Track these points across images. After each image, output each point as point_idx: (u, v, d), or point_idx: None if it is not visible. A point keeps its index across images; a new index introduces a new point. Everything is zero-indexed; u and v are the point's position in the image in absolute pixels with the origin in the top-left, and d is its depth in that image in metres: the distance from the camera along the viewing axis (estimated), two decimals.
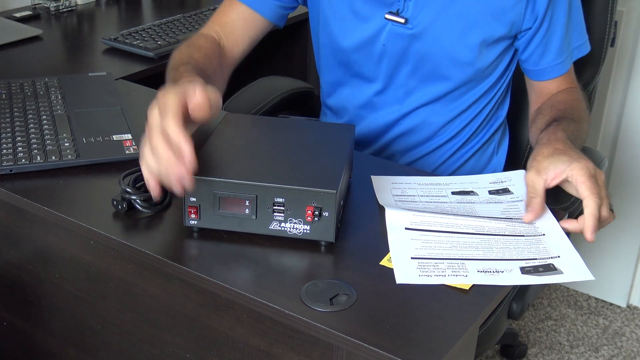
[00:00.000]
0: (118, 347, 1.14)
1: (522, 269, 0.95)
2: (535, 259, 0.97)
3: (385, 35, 1.34)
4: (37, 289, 1.20)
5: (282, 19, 1.46)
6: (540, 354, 2.12)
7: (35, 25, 1.82)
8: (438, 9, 1.30)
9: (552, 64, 1.35)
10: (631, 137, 2.14)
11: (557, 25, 1.31)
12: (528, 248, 0.99)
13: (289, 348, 0.94)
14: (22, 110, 1.29)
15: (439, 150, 1.45)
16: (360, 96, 1.44)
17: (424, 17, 1.31)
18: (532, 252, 0.98)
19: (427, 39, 1.33)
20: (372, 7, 1.34)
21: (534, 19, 1.30)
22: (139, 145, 1.18)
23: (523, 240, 1.00)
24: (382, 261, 0.97)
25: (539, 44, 1.33)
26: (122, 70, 1.60)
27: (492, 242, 1.00)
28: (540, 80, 1.37)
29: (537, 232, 1.02)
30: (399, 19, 1.32)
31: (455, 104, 1.40)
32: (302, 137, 1.11)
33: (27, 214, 1.13)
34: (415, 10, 1.31)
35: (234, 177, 0.97)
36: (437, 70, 1.35)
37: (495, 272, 0.94)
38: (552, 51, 1.33)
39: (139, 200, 1.03)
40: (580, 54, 1.38)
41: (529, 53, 1.35)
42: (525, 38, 1.33)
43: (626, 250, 2.25)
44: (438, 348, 0.83)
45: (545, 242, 1.00)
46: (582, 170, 1.05)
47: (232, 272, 0.94)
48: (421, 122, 1.41)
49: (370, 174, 1.17)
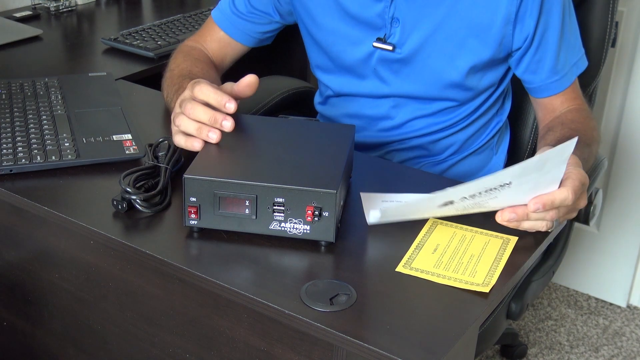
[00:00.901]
0: (118, 347, 1.14)
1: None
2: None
3: (376, 60, 1.35)
4: (37, 289, 1.20)
5: (263, 42, 1.49)
6: (540, 354, 2.12)
7: (35, 25, 1.82)
8: (426, 34, 1.30)
9: (547, 82, 1.33)
10: (631, 137, 2.14)
11: (549, 43, 1.29)
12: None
13: (289, 348, 0.94)
14: (22, 110, 1.29)
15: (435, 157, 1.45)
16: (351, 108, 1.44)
17: (411, 42, 1.31)
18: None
19: (417, 63, 1.33)
20: (361, 32, 1.34)
21: (523, 38, 1.28)
22: (139, 146, 1.18)
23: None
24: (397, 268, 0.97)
25: (530, 62, 1.31)
26: (122, 70, 1.60)
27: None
28: (539, 97, 1.36)
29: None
30: (386, 47, 1.32)
31: (451, 115, 1.40)
32: (302, 137, 1.11)
33: (27, 214, 1.13)
34: (402, 36, 1.31)
35: (234, 177, 0.98)
36: (428, 91, 1.36)
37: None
38: (545, 69, 1.32)
39: (139, 200, 1.03)
40: (579, 70, 1.36)
41: (522, 71, 1.34)
42: (515, 57, 1.32)
43: (626, 250, 2.25)
44: (438, 348, 0.83)
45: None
46: (579, 174, 1.04)
47: (232, 272, 0.94)
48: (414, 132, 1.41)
49: (370, 174, 1.17)
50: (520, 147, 1.57)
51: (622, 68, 2.11)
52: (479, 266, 0.97)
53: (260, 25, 1.45)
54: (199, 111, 1.08)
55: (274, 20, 1.45)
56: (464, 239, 1.02)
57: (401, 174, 1.23)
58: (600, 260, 2.31)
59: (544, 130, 1.34)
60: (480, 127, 1.44)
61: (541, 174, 0.97)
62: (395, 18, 1.30)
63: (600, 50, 1.50)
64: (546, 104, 1.36)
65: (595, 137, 1.28)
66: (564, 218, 1.05)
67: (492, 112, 1.45)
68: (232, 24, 1.45)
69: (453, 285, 0.93)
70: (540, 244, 1.03)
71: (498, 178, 0.96)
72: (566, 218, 1.06)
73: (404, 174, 1.23)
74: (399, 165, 1.37)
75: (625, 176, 2.18)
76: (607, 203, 2.23)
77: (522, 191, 0.98)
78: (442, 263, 0.97)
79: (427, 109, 1.38)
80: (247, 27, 1.45)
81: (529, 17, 1.26)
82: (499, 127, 1.47)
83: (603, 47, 1.50)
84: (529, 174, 0.96)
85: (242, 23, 1.44)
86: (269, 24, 1.45)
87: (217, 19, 1.46)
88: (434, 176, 1.27)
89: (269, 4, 1.43)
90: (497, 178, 0.96)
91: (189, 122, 1.08)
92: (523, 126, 1.56)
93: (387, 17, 1.31)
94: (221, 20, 1.45)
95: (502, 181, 0.96)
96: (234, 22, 1.44)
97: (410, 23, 1.30)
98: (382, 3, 1.30)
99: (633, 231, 2.22)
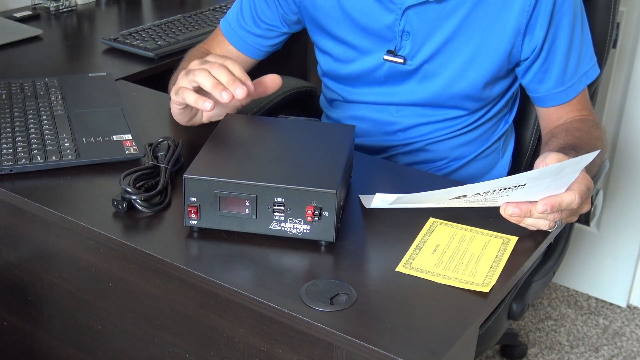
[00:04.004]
0: (118, 347, 1.14)
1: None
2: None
3: (385, 71, 1.34)
4: (37, 289, 1.20)
5: (272, 51, 1.49)
6: (540, 354, 2.12)
7: (35, 25, 1.82)
8: (436, 47, 1.30)
9: (553, 92, 1.32)
10: (631, 137, 2.14)
11: (557, 54, 1.29)
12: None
13: (289, 348, 0.94)
14: (22, 110, 1.29)
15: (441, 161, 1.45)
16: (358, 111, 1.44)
17: (422, 55, 1.31)
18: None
19: (427, 74, 1.32)
20: (371, 43, 1.33)
21: (531, 49, 1.28)
22: (139, 146, 1.18)
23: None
24: (398, 268, 0.97)
25: (537, 72, 1.31)
26: (122, 70, 1.60)
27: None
28: (543, 106, 1.36)
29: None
30: (397, 60, 1.32)
31: (458, 121, 1.39)
32: (302, 137, 1.11)
33: (27, 214, 1.13)
34: (412, 49, 1.31)
35: (234, 177, 0.98)
36: (437, 101, 1.35)
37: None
38: (551, 79, 1.31)
39: (139, 200, 1.03)
40: (589, 80, 1.35)
41: (528, 81, 1.33)
42: (523, 67, 1.32)
43: (626, 250, 2.25)
44: (438, 348, 0.83)
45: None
46: (585, 178, 1.03)
47: (232, 272, 0.94)
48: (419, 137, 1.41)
49: (370, 174, 1.17)
50: (522, 147, 1.57)
51: (622, 68, 2.11)
52: (479, 266, 0.97)
53: (268, 40, 1.45)
54: (223, 73, 1.10)
55: (281, 32, 1.44)
56: (464, 239, 1.02)
57: (401, 175, 1.23)
58: (600, 260, 2.31)
59: (547, 137, 1.33)
60: (486, 131, 1.44)
61: (555, 180, 0.98)
62: (406, 31, 1.29)
63: (602, 51, 1.49)
64: (551, 113, 1.36)
65: (598, 147, 1.26)
66: (565, 221, 1.05)
67: (500, 117, 1.44)
68: (241, 38, 1.44)
69: (453, 285, 0.93)
70: (540, 244, 1.03)
71: (514, 180, 0.97)
72: (568, 221, 1.06)
73: (404, 175, 1.23)
74: (399, 165, 1.37)
75: (625, 176, 2.18)
76: (607, 203, 2.23)
77: (533, 192, 0.99)
78: (442, 263, 0.97)
79: (435, 115, 1.38)
80: (256, 42, 1.45)
81: (539, 28, 1.26)
82: (505, 129, 1.47)
83: (604, 48, 1.50)
84: (544, 178, 0.97)
85: (251, 37, 1.44)
86: (276, 37, 1.45)
87: (225, 32, 1.46)
88: (434, 177, 1.27)
89: (276, 17, 1.42)
90: (514, 180, 0.97)
91: (208, 77, 1.10)
92: (524, 127, 1.56)
93: (398, 30, 1.30)
94: (230, 33, 1.45)
95: (517, 182, 0.97)
96: (243, 36, 1.44)
97: (421, 36, 1.29)
98: (392, 15, 1.29)
99: (633, 231, 2.22)
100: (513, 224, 1.03)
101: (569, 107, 1.34)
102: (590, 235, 2.30)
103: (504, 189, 0.99)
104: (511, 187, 0.98)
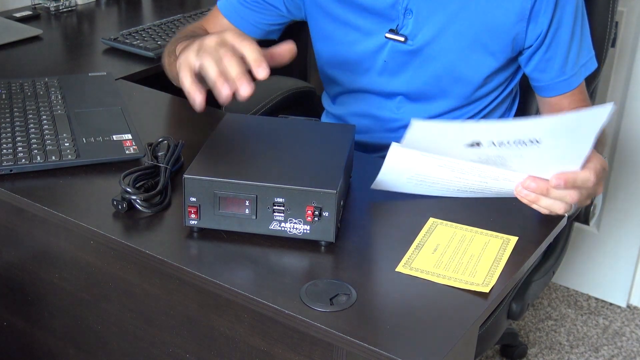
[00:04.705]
0: (118, 347, 1.14)
1: None
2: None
3: (387, 52, 1.34)
4: (37, 289, 1.20)
5: (270, 35, 1.46)
6: (540, 354, 2.12)
7: (35, 25, 1.82)
8: (439, 27, 1.30)
9: (556, 81, 1.33)
10: (631, 137, 2.14)
11: (561, 42, 1.29)
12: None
13: (289, 348, 0.94)
14: (22, 110, 1.29)
15: None
16: (360, 107, 1.43)
17: (424, 34, 1.30)
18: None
19: (427, 55, 1.32)
20: (373, 23, 1.33)
21: (536, 36, 1.28)
22: (138, 146, 1.18)
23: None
24: (397, 268, 0.97)
25: (540, 61, 1.31)
26: (122, 70, 1.59)
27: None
28: (546, 96, 1.36)
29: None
30: (398, 38, 1.31)
31: (458, 114, 1.39)
32: (302, 137, 1.11)
33: (27, 214, 1.13)
34: (415, 28, 1.30)
35: (234, 177, 0.97)
36: (438, 86, 1.35)
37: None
38: (554, 68, 1.32)
39: (139, 200, 1.03)
40: (587, 71, 1.35)
41: (531, 69, 1.34)
42: (526, 55, 1.32)
43: (626, 250, 2.25)
44: (438, 348, 0.83)
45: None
46: (600, 158, 1.02)
47: (232, 272, 0.94)
48: None
49: (370, 174, 1.17)
50: None
51: (622, 68, 2.11)
52: (479, 266, 0.97)
53: (267, 17, 1.42)
54: (233, 64, 0.99)
55: (281, 14, 1.43)
56: (463, 239, 1.02)
57: None
58: (600, 260, 2.31)
59: None
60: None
61: (571, 140, 0.95)
62: (409, 9, 1.29)
63: (601, 50, 1.50)
64: (553, 104, 1.36)
65: (600, 139, 1.27)
66: (581, 204, 1.03)
67: (499, 114, 1.44)
68: (238, 13, 1.42)
69: (453, 285, 0.93)
70: (540, 244, 1.03)
71: (530, 127, 0.94)
72: (582, 205, 1.04)
73: None
74: None
75: (625, 176, 2.18)
76: (607, 203, 2.23)
77: (549, 157, 0.97)
78: (442, 263, 0.97)
79: (434, 109, 1.38)
80: (253, 17, 1.42)
81: (543, 15, 1.26)
82: None
83: (603, 46, 1.50)
84: (560, 136, 0.94)
85: (248, 13, 1.42)
86: (276, 17, 1.43)
87: (222, 8, 1.44)
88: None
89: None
90: (530, 127, 0.94)
91: (214, 66, 1.00)
92: None
93: (401, 7, 1.30)
94: (227, 9, 1.43)
95: (532, 135, 0.94)
96: (240, 11, 1.42)
97: (424, 14, 1.29)
98: None
99: (633, 231, 2.22)
100: (513, 224, 1.03)
101: (571, 97, 1.35)
102: (590, 235, 2.30)
103: (519, 142, 0.96)
104: (526, 142, 0.95)
